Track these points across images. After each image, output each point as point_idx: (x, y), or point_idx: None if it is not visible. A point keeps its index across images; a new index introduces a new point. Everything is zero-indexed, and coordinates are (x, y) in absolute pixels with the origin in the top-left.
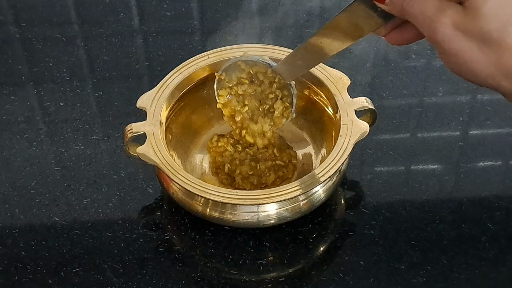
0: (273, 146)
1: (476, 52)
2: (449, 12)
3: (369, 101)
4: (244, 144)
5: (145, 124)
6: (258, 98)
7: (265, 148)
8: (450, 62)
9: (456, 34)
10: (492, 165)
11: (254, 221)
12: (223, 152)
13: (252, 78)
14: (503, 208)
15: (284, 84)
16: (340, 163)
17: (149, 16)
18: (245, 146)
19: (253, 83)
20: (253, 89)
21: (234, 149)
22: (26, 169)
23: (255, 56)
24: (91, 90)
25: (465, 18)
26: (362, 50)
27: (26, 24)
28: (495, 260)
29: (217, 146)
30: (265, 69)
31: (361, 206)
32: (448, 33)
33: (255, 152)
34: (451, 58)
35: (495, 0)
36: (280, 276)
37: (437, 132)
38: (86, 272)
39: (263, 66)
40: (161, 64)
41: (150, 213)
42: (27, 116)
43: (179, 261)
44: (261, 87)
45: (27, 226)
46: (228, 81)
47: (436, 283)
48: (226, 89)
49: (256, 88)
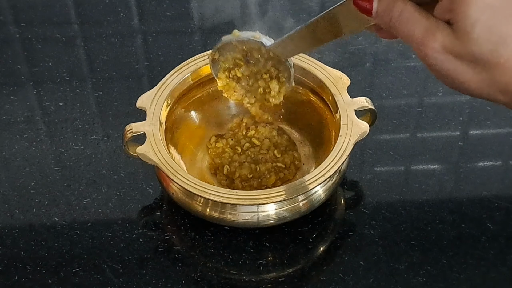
0: (274, 148)
1: (470, 73)
2: (438, 36)
3: (369, 101)
4: (244, 146)
5: (144, 124)
6: (256, 78)
7: (266, 150)
8: (444, 81)
9: (447, 58)
10: (492, 165)
11: (254, 221)
12: (221, 153)
13: (247, 57)
14: (503, 208)
15: (280, 60)
16: (340, 163)
17: (149, 16)
18: (245, 149)
19: (249, 62)
20: (249, 70)
21: (234, 151)
22: (26, 169)
23: (247, 34)
24: (91, 90)
25: (455, 41)
26: (362, 50)
27: (26, 24)
28: (495, 260)
29: (215, 147)
30: (258, 46)
31: (361, 206)
32: (439, 58)
33: (255, 153)
34: (444, 78)
35: (484, 23)
36: (280, 276)
37: (437, 132)
38: (86, 272)
39: (256, 43)
40: (161, 64)
41: (150, 213)
42: (26, 116)
43: (179, 261)
44: (257, 67)
45: (27, 226)
46: (223, 61)
47: (435, 283)
48: (224, 72)
49: (252, 69)
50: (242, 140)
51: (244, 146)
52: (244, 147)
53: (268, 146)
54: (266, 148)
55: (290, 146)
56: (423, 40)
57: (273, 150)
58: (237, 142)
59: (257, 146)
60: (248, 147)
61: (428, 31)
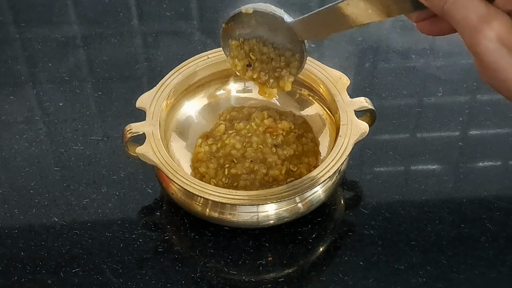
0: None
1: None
2: (495, 24)
3: (368, 101)
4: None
5: (144, 124)
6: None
7: (270, 177)
8: (487, 76)
9: (499, 49)
10: (492, 165)
11: (254, 221)
12: (206, 162)
13: (251, 56)
14: (503, 208)
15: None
16: (339, 163)
17: (148, 16)
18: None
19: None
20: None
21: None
22: (26, 169)
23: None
24: (91, 90)
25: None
26: (362, 50)
27: (26, 24)
28: (495, 260)
29: (198, 151)
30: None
31: (361, 206)
32: (491, 47)
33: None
34: (490, 73)
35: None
36: (280, 276)
37: (437, 132)
38: (85, 272)
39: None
40: (160, 64)
41: (149, 213)
42: (26, 116)
43: (178, 261)
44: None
45: (27, 226)
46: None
47: (435, 283)
48: (242, 60)
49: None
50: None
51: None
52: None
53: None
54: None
55: (311, 151)
56: (478, 25)
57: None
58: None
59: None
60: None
61: (484, 18)
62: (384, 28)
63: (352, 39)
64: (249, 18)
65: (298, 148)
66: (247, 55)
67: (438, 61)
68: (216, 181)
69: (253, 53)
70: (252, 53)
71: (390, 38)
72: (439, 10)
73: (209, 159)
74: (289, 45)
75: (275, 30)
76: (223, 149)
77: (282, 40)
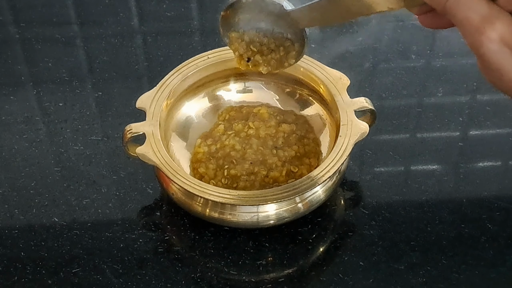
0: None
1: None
2: (498, 25)
3: (368, 101)
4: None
5: (144, 124)
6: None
7: (271, 179)
8: (491, 76)
9: (502, 51)
10: (492, 166)
11: (254, 221)
12: (206, 162)
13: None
14: (503, 208)
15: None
16: (339, 163)
17: (148, 16)
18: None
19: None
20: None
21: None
22: (26, 170)
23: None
24: (91, 90)
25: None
26: (362, 50)
27: (26, 24)
28: (495, 261)
29: (197, 152)
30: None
31: (361, 206)
32: (494, 49)
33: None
34: (493, 74)
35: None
36: (280, 276)
37: (437, 132)
38: (85, 273)
39: (274, 5)
40: (160, 64)
41: (149, 213)
42: (26, 116)
43: (178, 262)
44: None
45: (27, 227)
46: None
47: (435, 283)
48: (246, 53)
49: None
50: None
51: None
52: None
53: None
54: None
55: (312, 152)
56: (480, 26)
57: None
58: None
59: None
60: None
61: (487, 18)
62: (384, 28)
63: (352, 39)
64: (248, 5)
65: (300, 149)
66: (248, 48)
67: (438, 61)
68: (216, 181)
69: (253, 45)
70: (252, 45)
71: (390, 38)
72: (441, 8)
73: (208, 160)
74: (289, 34)
75: (275, 17)
76: (223, 150)
77: (281, 28)
